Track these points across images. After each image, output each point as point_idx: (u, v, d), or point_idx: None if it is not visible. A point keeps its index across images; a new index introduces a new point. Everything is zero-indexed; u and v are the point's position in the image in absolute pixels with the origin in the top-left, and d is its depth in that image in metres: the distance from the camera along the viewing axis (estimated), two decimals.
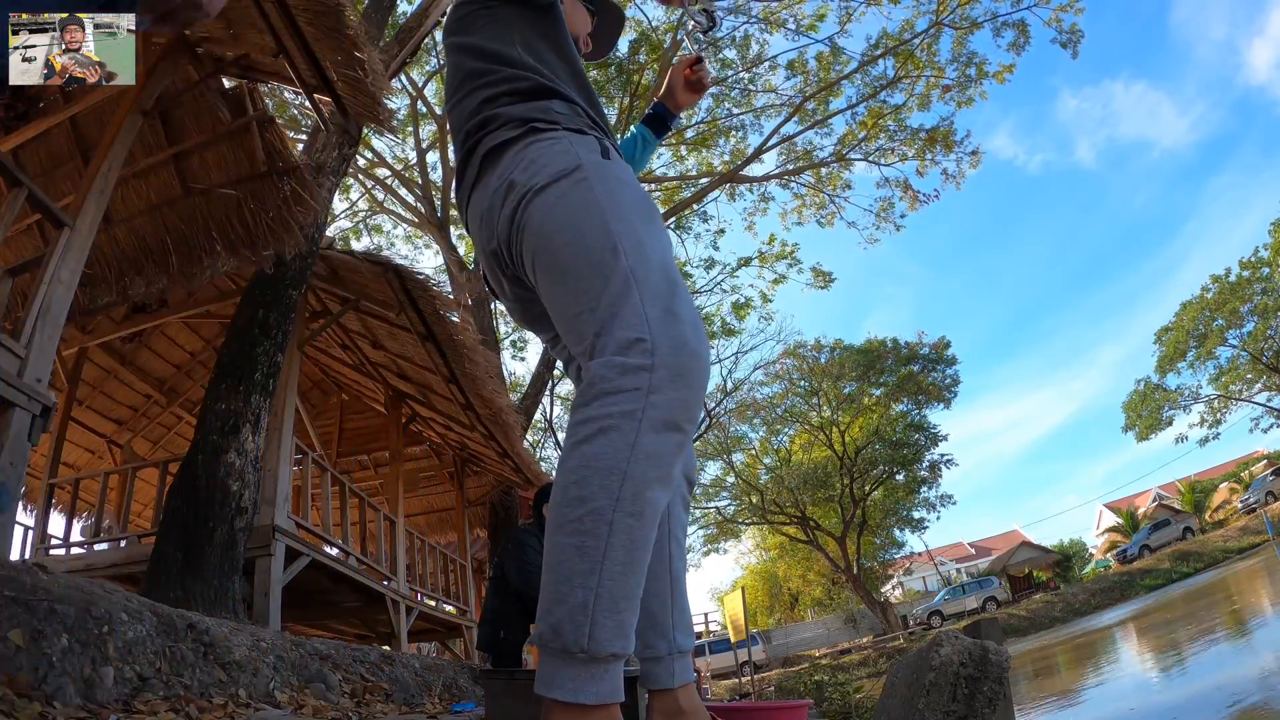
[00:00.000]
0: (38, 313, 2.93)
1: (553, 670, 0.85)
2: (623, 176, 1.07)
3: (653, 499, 0.87)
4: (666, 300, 0.93)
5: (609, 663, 0.85)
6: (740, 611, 13.45)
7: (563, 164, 1.04)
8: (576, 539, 0.86)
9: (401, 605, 6.62)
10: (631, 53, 12.59)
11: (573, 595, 0.84)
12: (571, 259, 0.99)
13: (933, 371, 24.11)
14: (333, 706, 2.24)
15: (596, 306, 0.94)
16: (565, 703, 0.84)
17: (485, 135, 1.14)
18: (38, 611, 1.50)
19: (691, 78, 1.54)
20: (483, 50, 1.22)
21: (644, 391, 0.87)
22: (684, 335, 0.91)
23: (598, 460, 0.86)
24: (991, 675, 1.65)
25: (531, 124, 1.10)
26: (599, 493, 0.85)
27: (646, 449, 0.86)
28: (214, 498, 3.87)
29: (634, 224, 1.00)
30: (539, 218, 1.03)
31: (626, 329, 0.90)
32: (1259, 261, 24.71)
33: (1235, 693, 6.17)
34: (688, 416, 0.90)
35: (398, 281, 5.57)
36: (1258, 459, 30.44)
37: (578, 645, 0.83)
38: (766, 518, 24.57)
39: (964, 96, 12.89)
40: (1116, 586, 23.11)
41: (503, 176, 1.09)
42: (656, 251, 0.99)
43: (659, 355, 0.88)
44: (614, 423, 0.87)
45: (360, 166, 12.22)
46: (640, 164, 1.60)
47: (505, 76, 1.18)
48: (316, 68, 3.75)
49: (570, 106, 1.16)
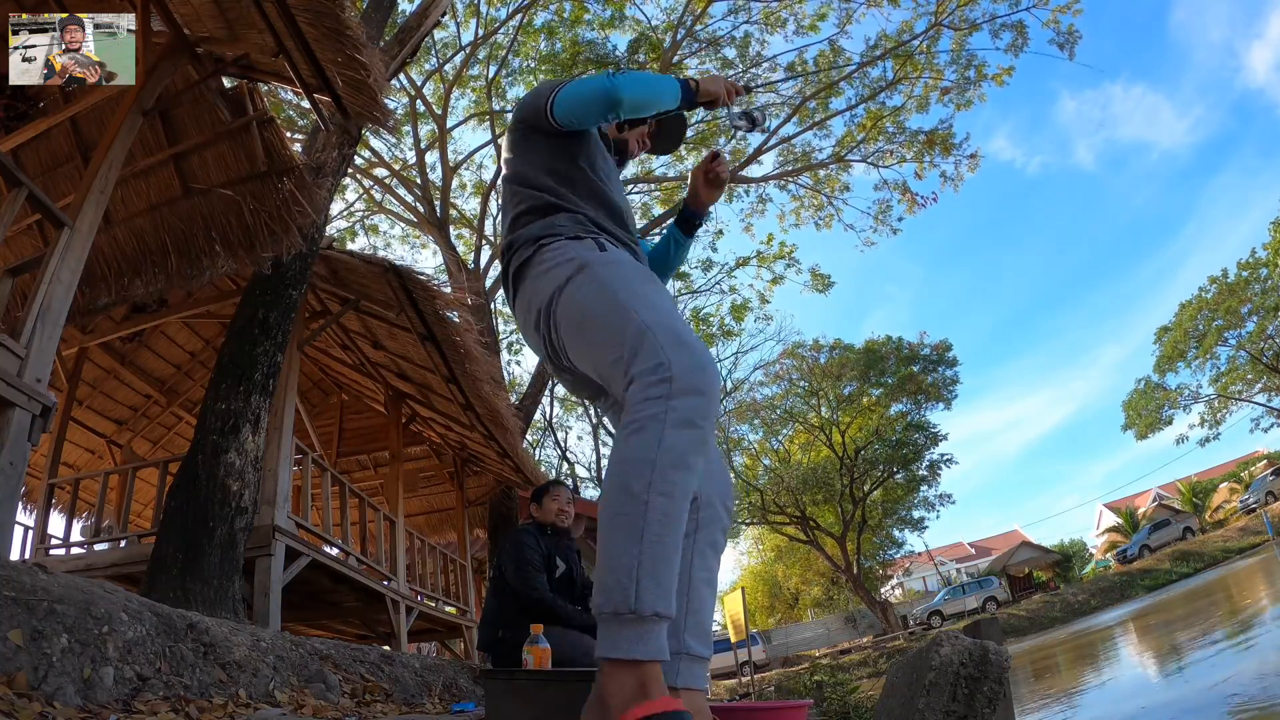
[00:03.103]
0: (38, 313, 2.93)
1: (608, 635, 1.03)
2: (619, 260, 1.32)
3: (679, 480, 1.07)
4: (673, 333, 1.16)
5: (653, 622, 1.02)
6: (740, 611, 13.45)
7: (568, 270, 1.30)
8: (620, 518, 1.06)
9: (401, 605, 6.62)
10: (630, 52, 12.59)
11: (620, 564, 1.03)
12: (596, 331, 1.24)
13: (933, 372, 24.10)
14: (333, 706, 2.24)
15: (623, 353, 1.17)
16: (618, 659, 1.01)
17: (512, 256, 1.43)
18: (38, 611, 1.50)
19: (710, 175, 1.65)
20: (514, 173, 1.52)
21: (665, 399, 1.09)
22: (692, 358, 1.13)
23: (633, 454, 1.08)
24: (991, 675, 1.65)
25: (539, 242, 1.37)
26: (635, 479, 1.06)
27: (669, 442, 1.07)
28: (214, 498, 3.87)
29: (635, 288, 1.24)
30: (563, 315, 1.30)
31: (648, 359, 1.13)
32: (1258, 262, 24.71)
33: (1235, 693, 6.17)
34: (703, 415, 1.11)
35: (398, 281, 5.57)
36: (1258, 459, 30.45)
37: (626, 606, 1.01)
38: (766, 518, 24.56)
39: (963, 98, 12.89)
40: (1116, 586, 23.11)
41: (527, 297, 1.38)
42: (659, 303, 1.23)
43: (675, 372, 1.10)
44: (643, 424, 1.09)
45: (359, 166, 12.21)
46: (676, 263, 1.78)
47: (524, 196, 1.47)
48: (316, 68, 3.74)
49: (572, 217, 1.41)
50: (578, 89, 1.42)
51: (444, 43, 12.33)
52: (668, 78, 1.48)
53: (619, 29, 12.78)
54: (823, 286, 14.92)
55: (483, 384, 6.51)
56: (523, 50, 12.90)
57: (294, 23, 3.46)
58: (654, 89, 1.44)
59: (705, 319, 17.51)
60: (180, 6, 3.74)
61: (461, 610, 8.89)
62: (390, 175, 13.02)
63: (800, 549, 28.72)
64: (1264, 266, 24.41)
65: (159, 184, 4.56)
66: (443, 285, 7.47)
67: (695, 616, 1.34)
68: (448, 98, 12.40)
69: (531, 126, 1.49)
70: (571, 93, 1.42)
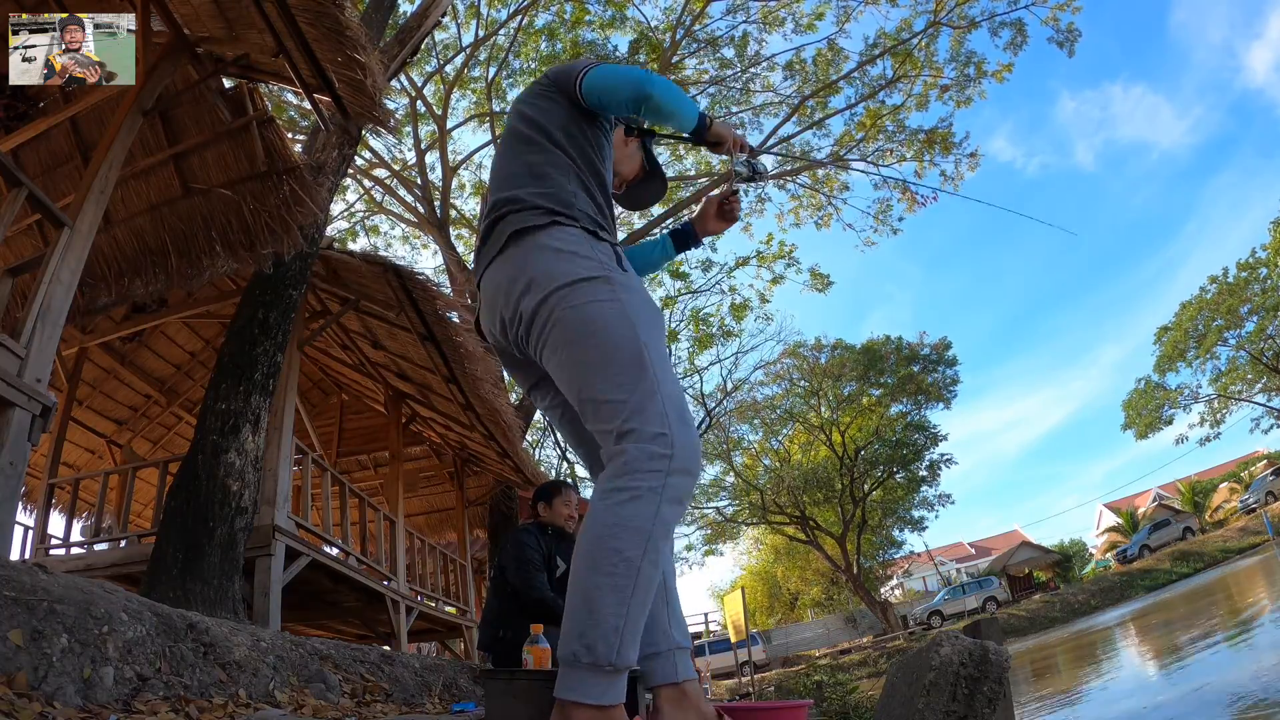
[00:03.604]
0: (38, 313, 2.93)
1: (579, 680, 1.09)
2: (640, 289, 1.30)
3: (665, 550, 1.16)
4: (680, 409, 1.19)
5: (624, 672, 1.11)
6: (740, 611, 13.46)
7: (590, 268, 1.24)
8: (611, 579, 1.10)
9: (401, 605, 6.62)
10: (631, 52, 12.58)
11: (607, 622, 1.08)
12: (605, 357, 1.20)
13: (933, 372, 24.09)
14: (333, 706, 2.24)
15: (627, 400, 1.17)
16: (591, 705, 1.07)
17: (511, 213, 1.32)
18: (38, 611, 1.50)
19: (725, 208, 1.68)
20: (528, 119, 1.44)
21: (664, 473, 1.13)
22: (692, 438, 1.18)
23: (630, 520, 1.12)
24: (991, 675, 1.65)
25: (555, 216, 1.29)
26: (630, 546, 1.11)
27: (664, 516, 1.13)
28: (214, 498, 3.87)
29: (655, 337, 1.24)
30: (571, 315, 1.23)
31: (654, 424, 1.15)
32: (1257, 262, 24.71)
33: (1235, 693, 6.17)
34: (689, 495, 1.19)
35: (398, 281, 5.57)
36: (1258, 459, 30.44)
37: (608, 660, 1.08)
38: (766, 518, 24.56)
39: (962, 96, 12.89)
40: (1116, 586, 23.10)
41: (522, 268, 1.28)
42: (668, 362, 1.26)
43: (676, 449, 1.14)
44: (641, 494, 1.12)
45: (359, 167, 12.21)
46: (654, 267, 1.78)
47: (539, 146, 1.39)
48: (317, 68, 3.74)
49: (590, 204, 1.36)
50: (615, 70, 1.41)
51: (444, 44, 12.33)
52: (693, 102, 1.48)
53: (619, 29, 12.79)
54: (822, 286, 14.91)
55: (483, 384, 6.51)
56: (523, 52, 12.91)
57: (294, 23, 3.47)
58: (681, 101, 1.43)
59: (705, 319, 17.51)
60: (180, 6, 3.74)
61: (461, 610, 8.89)
62: (390, 176, 13.02)
63: (799, 549, 28.70)
64: (1264, 266, 24.41)
65: (159, 184, 4.55)
66: (443, 286, 7.48)
67: (675, 612, 1.40)
68: (448, 99, 12.40)
69: (559, 88, 1.46)
70: (608, 71, 1.40)
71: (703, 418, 19.69)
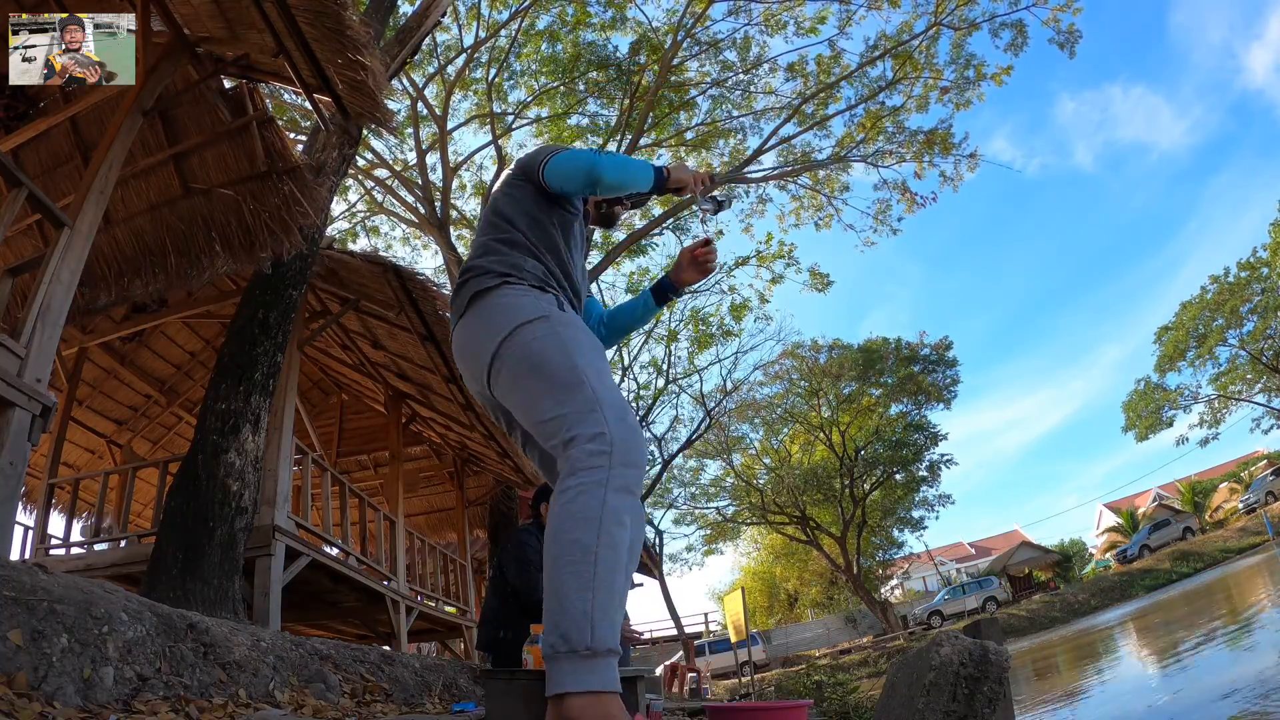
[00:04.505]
0: (38, 313, 2.93)
1: (564, 671, 1.14)
2: (578, 323, 1.45)
3: (620, 534, 1.23)
4: (620, 412, 1.31)
5: (606, 657, 1.15)
6: (740, 612, 13.45)
7: (529, 312, 1.42)
8: (571, 567, 1.19)
9: (401, 605, 6.62)
10: (631, 53, 12.58)
11: (575, 608, 1.15)
12: (543, 381, 1.36)
13: (933, 372, 24.08)
14: (333, 706, 2.24)
15: (568, 413, 1.30)
16: (580, 692, 1.12)
17: (471, 279, 1.52)
18: (38, 611, 1.50)
19: (700, 258, 1.77)
20: (496, 207, 1.66)
21: (606, 467, 1.24)
22: (630, 434, 1.29)
23: (580, 513, 1.22)
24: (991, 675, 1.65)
25: (505, 278, 1.48)
26: (584, 534, 1.20)
27: (611, 504, 1.22)
28: (214, 498, 3.87)
29: (591, 358, 1.38)
30: (512, 355, 1.40)
31: (593, 427, 1.27)
32: (1258, 262, 24.70)
33: (1235, 693, 6.17)
34: (636, 483, 1.28)
35: (398, 281, 5.57)
36: (1258, 459, 30.42)
37: (583, 644, 1.13)
38: (766, 518, 24.55)
39: (962, 98, 12.89)
40: (1116, 586, 23.09)
41: (479, 325, 1.47)
42: (608, 377, 1.38)
43: (615, 444, 1.25)
44: (587, 488, 1.23)
45: (359, 167, 12.21)
46: (640, 324, 1.93)
47: (500, 229, 1.59)
48: (317, 68, 3.74)
49: (538, 266, 1.54)
50: (568, 159, 1.57)
51: (445, 45, 12.33)
52: (645, 164, 1.61)
53: (620, 31, 12.79)
54: (822, 286, 14.92)
55: None
56: (524, 53, 12.91)
57: (294, 23, 3.47)
58: (631, 172, 1.57)
59: (705, 319, 17.51)
60: (180, 6, 3.74)
61: (461, 610, 8.89)
62: (391, 176, 13.01)
63: (798, 550, 28.69)
64: (1264, 266, 24.40)
65: (159, 184, 4.55)
66: (443, 286, 7.48)
67: None
68: (449, 100, 12.40)
69: (526, 177, 1.65)
70: (562, 160, 1.58)
71: (702, 418, 19.70)
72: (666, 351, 18.15)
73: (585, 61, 12.63)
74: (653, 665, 12.09)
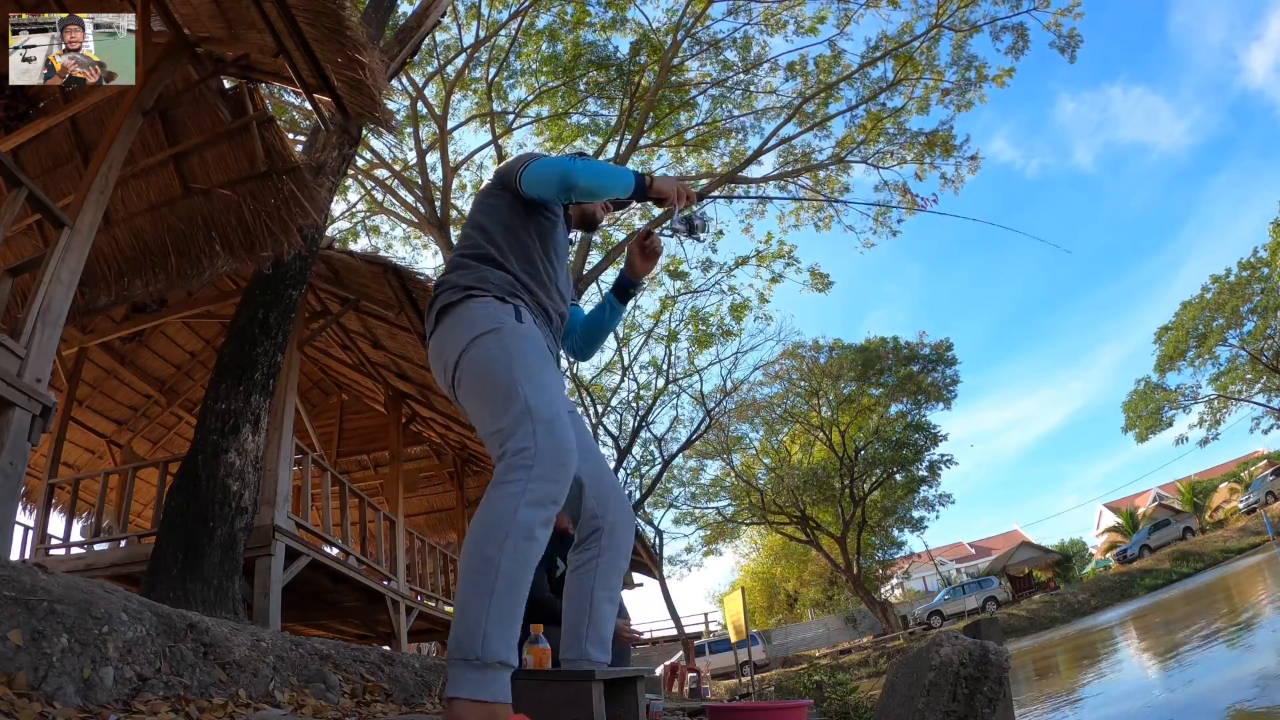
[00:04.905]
0: (38, 313, 2.93)
1: (457, 677, 1.18)
2: (528, 334, 1.48)
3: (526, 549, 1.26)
4: (549, 424, 1.34)
5: (498, 669, 1.19)
6: (740, 612, 13.45)
7: (484, 325, 1.46)
8: (475, 576, 1.23)
9: (401, 605, 6.62)
10: (632, 54, 12.58)
11: (470, 616, 1.20)
12: (488, 394, 1.41)
13: (933, 372, 24.08)
14: (333, 706, 2.24)
15: (504, 428, 1.35)
16: (470, 699, 1.16)
17: (440, 294, 1.56)
18: (37, 611, 1.50)
19: (646, 249, 1.80)
20: (474, 220, 1.67)
21: (524, 481, 1.28)
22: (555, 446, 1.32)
23: (490, 521, 1.26)
24: (991, 675, 1.65)
25: (469, 291, 1.52)
26: (489, 544, 1.24)
27: (521, 517, 1.26)
28: (214, 498, 3.87)
29: (531, 369, 1.41)
30: (467, 366, 1.46)
31: (520, 441, 1.32)
32: (1258, 262, 24.69)
33: (1235, 693, 6.17)
34: (553, 498, 1.31)
35: (398, 282, 5.57)
36: (1258, 459, 30.38)
37: (474, 654, 1.17)
38: (766, 518, 24.55)
39: (963, 100, 12.90)
40: (1116, 586, 23.08)
41: (444, 341, 1.52)
42: (547, 388, 1.41)
43: (538, 459, 1.30)
44: (503, 498, 1.27)
45: (359, 167, 12.21)
46: (610, 326, 1.94)
47: (473, 242, 1.62)
48: (316, 68, 3.74)
49: (504, 277, 1.56)
50: (544, 166, 1.58)
51: (445, 45, 12.33)
52: (624, 170, 1.60)
53: (620, 31, 12.79)
54: (822, 286, 14.91)
55: None
56: (524, 53, 12.90)
57: (294, 23, 3.46)
58: (607, 177, 1.57)
59: (705, 319, 17.51)
60: (180, 6, 3.74)
61: None
62: (391, 176, 13.02)
63: (798, 550, 28.68)
64: (1264, 266, 24.39)
65: (159, 184, 4.55)
66: None
67: (595, 629, 1.55)
68: (448, 99, 12.40)
69: (504, 186, 1.67)
70: (538, 167, 1.58)
71: (702, 418, 19.70)
72: (666, 351, 18.17)
73: (585, 61, 12.64)
74: (653, 665, 12.10)
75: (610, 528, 1.61)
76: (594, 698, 1.34)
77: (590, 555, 1.60)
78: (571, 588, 1.60)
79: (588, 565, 1.60)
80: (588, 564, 1.60)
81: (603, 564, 1.60)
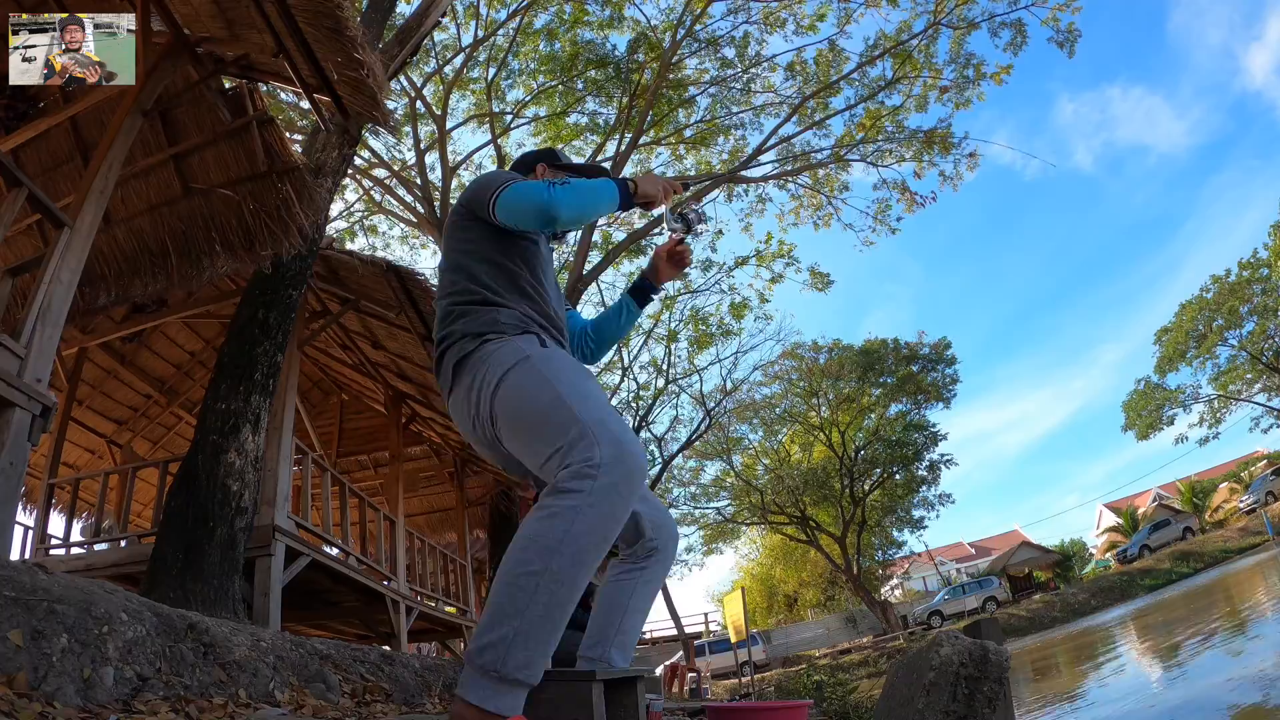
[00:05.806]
0: (38, 313, 2.93)
1: (473, 679, 1.14)
2: (557, 355, 1.43)
3: (574, 575, 1.17)
4: (609, 429, 1.26)
5: (515, 686, 1.14)
6: (740, 612, 13.45)
7: (512, 359, 1.38)
8: (512, 588, 1.16)
9: (401, 605, 6.62)
10: (630, 52, 12.57)
11: (499, 629, 1.14)
12: (535, 423, 1.33)
13: (932, 371, 24.08)
14: (333, 706, 2.24)
15: (561, 446, 1.26)
16: (474, 706, 1.12)
17: (450, 348, 1.48)
18: (37, 611, 1.50)
19: (675, 256, 1.78)
20: (452, 261, 1.57)
21: (586, 494, 1.18)
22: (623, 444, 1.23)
23: (542, 536, 1.17)
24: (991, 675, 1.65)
25: (483, 338, 1.44)
26: (536, 560, 1.16)
27: (576, 532, 1.17)
28: (214, 498, 3.87)
29: (575, 383, 1.34)
30: (504, 403, 1.37)
31: (584, 452, 1.23)
32: (1258, 262, 24.70)
33: (1234, 693, 6.17)
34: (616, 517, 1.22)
35: (397, 281, 5.57)
36: (1258, 459, 30.39)
37: (493, 668, 1.12)
38: (766, 518, 24.55)
39: (962, 97, 12.89)
40: (1116, 586, 23.09)
41: (470, 386, 1.43)
42: (595, 395, 1.34)
43: (604, 467, 1.20)
44: (559, 512, 1.18)
45: (358, 167, 12.21)
46: (625, 329, 1.88)
47: (461, 288, 1.52)
48: (316, 68, 3.74)
49: (512, 314, 1.48)
50: (520, 195, 1.46)
51: (444, 44, 12.33)
52: (606, 184, 1.53)
53: (618, 29, 12.78)
54: (822, 285, 14.90)
55: None
56: (522, 52, 12.90)
57: (294, 23, 3.46)
58: (589, 200, 1.49)
59: (705, 319, 17.50)
60: (180, 6, 3.74)
61: (461, 610, 8.89)
62: (390, 176, 13.01)
63: (797, 551, 28.68)
64: (1264, 266, 24.40)
65: (159, 184, 4.55)
66: None
67: (622, 636, 1.53)
68: (447, 99, 12.40)
69: (474, 215, 1.54)
70: (514, 197, 1.46)
71: (702, 418, 19.69)
72: (666, 351, 18.16)
73: (584, 60, 12.64)
74: (653, 665, 12.09)
75: (663, 549, 1.59)
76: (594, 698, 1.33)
77: (635, 569, 1.57)
78: (608, 592, 1.58)
79: (630, 576, 1.56)
80: (630, 574, 1.56)
81: (644, 579, 1.58)
